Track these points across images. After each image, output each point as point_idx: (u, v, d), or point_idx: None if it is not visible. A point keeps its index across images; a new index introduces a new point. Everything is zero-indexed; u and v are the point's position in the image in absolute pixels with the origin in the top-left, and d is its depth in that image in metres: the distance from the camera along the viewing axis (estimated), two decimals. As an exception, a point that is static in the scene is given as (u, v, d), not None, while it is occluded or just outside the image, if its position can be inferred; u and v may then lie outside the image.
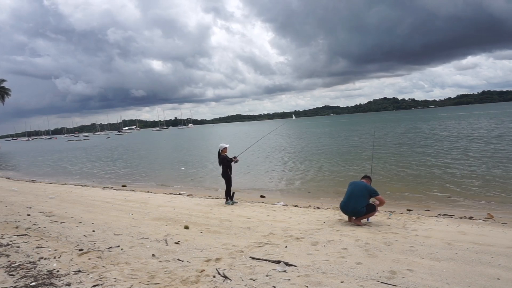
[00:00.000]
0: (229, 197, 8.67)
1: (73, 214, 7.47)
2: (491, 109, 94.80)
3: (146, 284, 3.59)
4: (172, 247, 4.89)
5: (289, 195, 10.51)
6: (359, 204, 5.83)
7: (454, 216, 6.80)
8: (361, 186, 5.98)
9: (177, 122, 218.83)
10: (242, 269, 3.92)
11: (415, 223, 6.01)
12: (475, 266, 3.87)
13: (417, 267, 3.87)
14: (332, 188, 10.96)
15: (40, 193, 11.27)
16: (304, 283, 3.51)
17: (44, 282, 3.66)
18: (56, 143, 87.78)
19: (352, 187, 6.06)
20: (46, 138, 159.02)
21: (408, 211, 7.49)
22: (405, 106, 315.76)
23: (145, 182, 15.02)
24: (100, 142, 70.49)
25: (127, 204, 8.74)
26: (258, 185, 12.45)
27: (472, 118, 52.75)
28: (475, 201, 8.38)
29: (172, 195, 10.57)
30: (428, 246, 4.62)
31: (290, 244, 4.91)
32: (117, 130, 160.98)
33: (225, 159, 8.53)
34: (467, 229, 5.58)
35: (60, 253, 4.66)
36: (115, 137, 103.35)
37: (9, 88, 57.77)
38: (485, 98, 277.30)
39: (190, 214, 7.30)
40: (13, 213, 7.68)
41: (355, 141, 28.19)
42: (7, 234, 5.80)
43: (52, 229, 6.09)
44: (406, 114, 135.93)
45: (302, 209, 7.90)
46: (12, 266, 4.21)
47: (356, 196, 5.87)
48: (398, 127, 44.17)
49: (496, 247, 4.52)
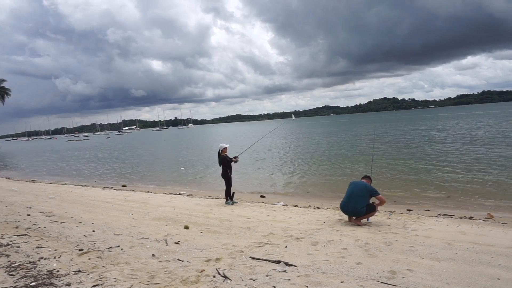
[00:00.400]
0: (229, 197, 8.67)
1: (73, 214, 7.47)
2: (491, 109, 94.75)
3: (146, 284, 3.59)
4: (172, 247, 4.89)
5: (289, 195, 10.51)
6: (359, 204, 5.82)
7: (454, 216, 6.80)
8: (361, 186, 5.98)
9: (177, 122, 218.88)
10: (242, 269, 3.92)
11: (415, 223, 6.01)
12: (475, 266, 3.87)
13: (417, 267, 3.87)
14: (332, 188, 10.96)
15: (40, 193, 11.27)
16: (304, 283, 3.51)
17: (44, 282, 3.66)
18: (56, 143, 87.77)
19: (352, 187, 6.06)
20: (46, 138, 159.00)
21: (408, 211, 7.49)
22: (405, 106, 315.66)
23: (145, 182, 15.02)
24: (100, 142, 70.47)
25: (127, 204, 8.74)
26: (258, 185, 12.44)
27: (471, 118, 52.73)
28: (475, 201, 8.38)
29: (172, 195, 10.57)
30: (428, 246, 4.62)
31: (290, 244, 4.91)
32: (117, 130, 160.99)
33: (225, 159, 8.53)
34: (467, 229, 5.57)
35: (60, 253, 4.66)
36: (115, 137, 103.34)
37: (9, 88, 57.89)
38: (485, 98, 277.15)
39: (190, 214, 7.30)
40: (13, 213, 7.68)
41: (355, 141, 28.18)
42: (7, 234, 5.80)
43: (52, 229, 6.09)
44: (406, 114, 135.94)
45: (302, 209, 7.90)
46: (12, 266, 4.21)
47: (356, 196, 5.87)
48: (398, 127, 44.17)
49: (496, 247, 4.52)
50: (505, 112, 66.87)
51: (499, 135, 23.35)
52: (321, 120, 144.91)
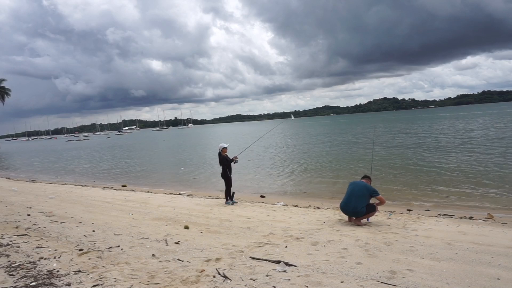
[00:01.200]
0: (229, 197, 8.67)
1: (73, 214, 7.47)
2: (491, 109, 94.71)
3: (146, 284, 3.58)
4: (172, 247, 4.88)
5: (289, 195, 10.51)
6: (359, 204, 5.82)
7: (454, 216, 6.80)
8: (361, 186, 5.98)
9: (177, 122, 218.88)
10: (242, 269, 3.92)
11: (415, 223, 6.01)
12: (475, 266, 3.87)
13: (417, 267, 3.86)
14: (332, 188, 10.96)
15: (40, 193, 11.27)
16: (304, 283, 3.51)
17: (44, 282, 3.66)
18: (56, 143, 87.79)
19: (352, 187, 6.06)
20: (46, 138, 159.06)
21: (408, 211, 7.49)
22: (405, 106, 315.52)
23: (145, 182, 15.02)
24: (100, 142, 70.48)
25: (127, 204, 8.74)
26: (258, 185, 12.44)
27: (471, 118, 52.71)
28: (475, 201, 8.38)
29: (172, 195, 10.57)
30: (428, 246, 4.61)
31: (290, 244, 4.91)
32: (117, 130, 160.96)
33: (225, 159, 8.54)
34: (467, 229, 5.57)
35: (60, 253, 4.66)
36: (115, 137, 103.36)
37: (9, 88, 57.71)
38: (485, 98, 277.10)
39: (190, 214, 7.30)
40: (13, 213, 7.69)
41: (355, 141, 28.17)
42: (7, 234, 5.80)
43: (52, 229, 6.09)
44: (406, 114, 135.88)
45: (302, 209, 7.90)
46: (12, 266, 4.21)
47: (356, 196, 5.87)
48: (398, 127, 44.15)
49: (496, 247, 4.52)
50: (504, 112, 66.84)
51: (499, 135, 23.34)
52: (321, 120, 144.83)
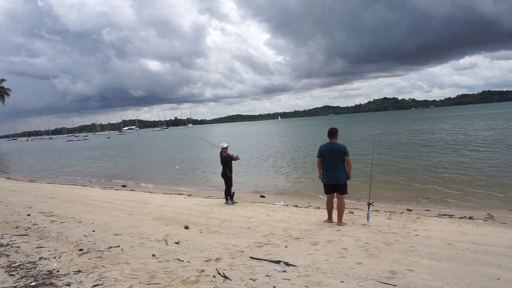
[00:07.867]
0: (229, 197, 8.67)
1: (73, 214, 7.47)
2: (492, 109, 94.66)
3: (146, 284, 3.59)
4: (172, 247, 4.88)
5: (289, 195, 10.51)
6: (343, 172, 5.49)
7: (454, 216, 6.80)
8: (338, 150, 5.52)
9: (177, 122, 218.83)
10: (242, 269, 3.92)
11: (415, 223, 6.00)
12: (475, 266, 3.86)
13: (417, 267, 3.86)
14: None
15: (40, 193, 11.27)
16: (304, 283, 3.51)
17: (44, 282, 3.66)
18: (56, 143, 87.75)
19: (329, 153, 5.56)
20: (46, 138, 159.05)
21: (408, 211, 7.48)
22: (405, 106, 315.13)
23: (145, 182, 15.02)
24: (101, 142, 70.46)
25: (127, 204, 8.74)
26: (258, 185, 12.44)
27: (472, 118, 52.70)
28: (475, 201, 8.38)
29: (172, 195, 10.57)
30: (428, 246, 4.61)
31: (290, 244, 4.91)
32: (117, 130, 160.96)
33: (225, 158, 8.53)
34: (467, 229, 5.57)
35: (60, 253, 4.66)
36: (115, 137, 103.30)
37: (9, 88, 57.61)
38: (485, 98, 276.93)
39: (190, 214, 7.30)
40: (13, 213, 7.69)
41: (355, 141, 28.14)
42: (7, 234, 5.80)
43: (52, 229, 6.09)
44: (407, 114, 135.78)
45: (302, 209, 7.89)
46: (12, 266, 4.21)
47: (340, 162, 5.46)
48: (398, 127, 44.13)
49: (496, 247, 4.52)
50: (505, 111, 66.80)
51: (499, 135, 23.33)
52: (321, 120, 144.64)
